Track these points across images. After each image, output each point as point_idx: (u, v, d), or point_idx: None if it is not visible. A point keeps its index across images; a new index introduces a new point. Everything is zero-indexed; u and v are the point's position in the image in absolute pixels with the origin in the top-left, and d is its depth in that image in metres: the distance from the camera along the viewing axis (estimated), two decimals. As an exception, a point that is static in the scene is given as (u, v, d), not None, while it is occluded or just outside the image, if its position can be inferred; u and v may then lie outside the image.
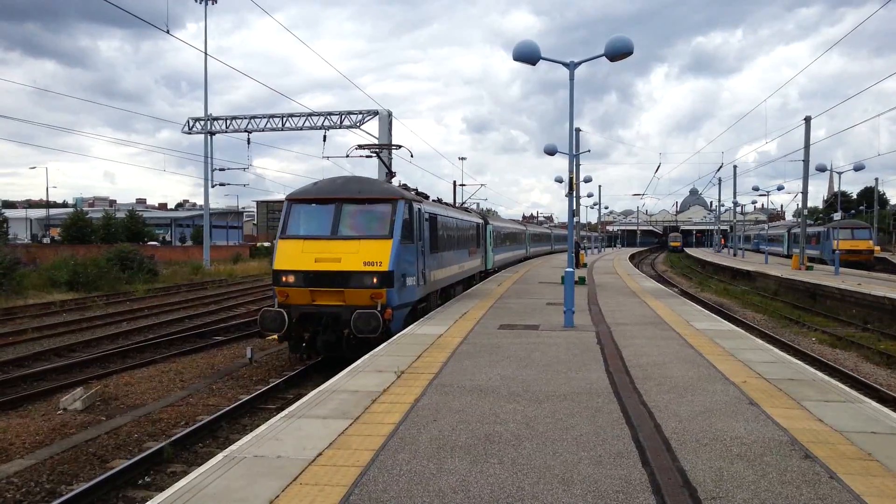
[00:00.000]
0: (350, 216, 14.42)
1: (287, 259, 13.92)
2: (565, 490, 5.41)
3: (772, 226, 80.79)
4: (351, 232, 14.20)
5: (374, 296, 13.45)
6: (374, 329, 12.90)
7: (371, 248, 13.75)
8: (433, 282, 17.63)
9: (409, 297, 14.88)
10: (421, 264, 15.88)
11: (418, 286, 15.58)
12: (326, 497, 5.28)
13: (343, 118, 35.77)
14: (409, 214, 14.93)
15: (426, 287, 16.65)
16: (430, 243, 17.08)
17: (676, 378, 9.43)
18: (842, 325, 22.45)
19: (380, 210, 14.53)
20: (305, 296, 13.79)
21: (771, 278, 35.86)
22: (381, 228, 14.26)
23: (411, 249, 15.04)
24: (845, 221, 53.32)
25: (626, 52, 13.99)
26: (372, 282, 13.50)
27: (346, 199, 14.53)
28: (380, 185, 15.52)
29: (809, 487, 5.44)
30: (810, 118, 38.11)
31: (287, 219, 14.79)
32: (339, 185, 15.07)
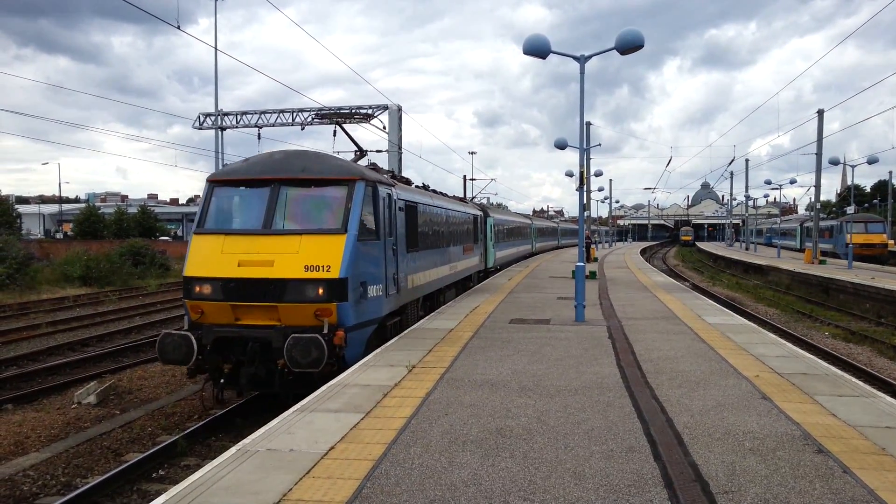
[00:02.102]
0: (290, 203, 10.89)
1: (202, 262, 10.47)
2: (577, 484, 5.42)
3: (784, 219, 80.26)
4: (291, 225, 10.70)
5: (321, 313, 10.01)
6: (316, 360, 9.40)
7: (317, 247, 10.23)
8: (412, 288, 14.40)
9: (373, 313, 11.38)
10: (392, 267, 12.50)
11: (387, 297, 12.13)
12: (339, 491, 5.30)
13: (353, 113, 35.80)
14: (373, 202, 11.52)
15: (401, 296, 13.24)
16: (406, 239, 13.78)
17: (688, 372, 9.41)
18: (855, 320, 22.31)
19: (331, 195, 11.02)
20: (226, 313, 10.22)
21: (783, 272, 35.65)
22: (331, 220, 10.75)
23: (376, 248, 11.62)
24: (859, 215, 52.95)
25: (636, 45, 13.91)
26: (317, 293, 9.98)
27: (285, 179, 10.92)
28: (332, 162, 11.66)
29: (822, 482, 5.42)
30: (823, 111, 37.81)
31: (206, 207, 11.22)
32: (278, 161, 11.40)
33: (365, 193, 11.15)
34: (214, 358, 10.32)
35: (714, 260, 60.76)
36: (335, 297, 10.08)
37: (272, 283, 10.01)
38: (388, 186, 12.66)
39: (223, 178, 11.55)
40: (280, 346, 9.66)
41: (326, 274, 10.07)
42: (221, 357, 10.32)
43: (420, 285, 15.23)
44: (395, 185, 13.31)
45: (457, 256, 20.42)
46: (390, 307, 12.48)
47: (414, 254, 14.49)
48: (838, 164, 39.72)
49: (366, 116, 13.93)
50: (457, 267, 20.46)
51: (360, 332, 10.81)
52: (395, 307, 12.85)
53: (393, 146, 34.11)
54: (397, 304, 13.01)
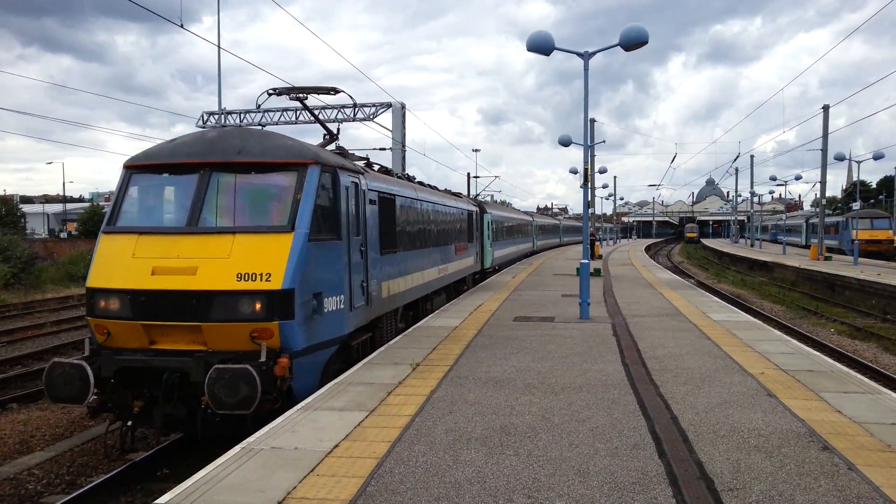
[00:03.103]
0: (224, 193, 8.86)
1: (108, 270, 8.49)
2: (581, 482, 5.41)
3: (789, 216, 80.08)
4: (223, 221, 8.69)
5: (258, 334, 8.01)
6: (246, 400, 7.41)
7: (254, 250, 8.26)
8: (388, 298, 12.27)
9: (332, 332, 9.31)
10: (359, 274, 10.42)
11: (353, 310, 10.04)
12: (343, 488, 5.30)
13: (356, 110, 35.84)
14: (333, 192, 9.53)
15: (372, 308, 11.12)
16: (381, 239, 11.73)
17: (693, 369, 9.38)
18: (861, 316, 22.24)
19: (276, 183, 9.08)
20: (137, 335, 8.23)
21: (789, 269, 35.55)
22: (276, 214, 8.80)
23: (336, 250, 9.53)
24: (864, 211, 52.68)
25: (641, 41, 13.87)
26: (253, 309, 8.00)
27: (218, 164, 8.88)
28: (279, 142, 9.51)
29: (828, 479, 5.40)
30: (828, 107, 37.70)
31: (120, 199, 9.20)
32: (210, 141, 9.30)
33: (320, 181, 9.08)
34: (121, 393, 8.29)
35: (719, 257, 60.64)
36: (277, 313, 8.03)
37: (194, 296, 7.96)
38: (355, 174, 10.57)
39: (142, 162, 9.34)
40: (201, 379, 7.59)
41: (266, 284, 8.02)
42: (131, 392, 8.29)
43: (399, 293, 13.12)
44: (364, 174, 11.17)
45: (447, 257, 18.52)
46: (357, 322, 10.37)
47: (391, 256, 12.45)
48: (844, 160, 39.65)
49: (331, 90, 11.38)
50: (447, 269, 18.54)
51: (313, 358, 8.76)
52: (363, 321, 10.72)
53: (396, 144, 34.09)
54: (367, 318, 10.89)
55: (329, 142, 12.44)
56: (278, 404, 7.94)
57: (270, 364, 7.87)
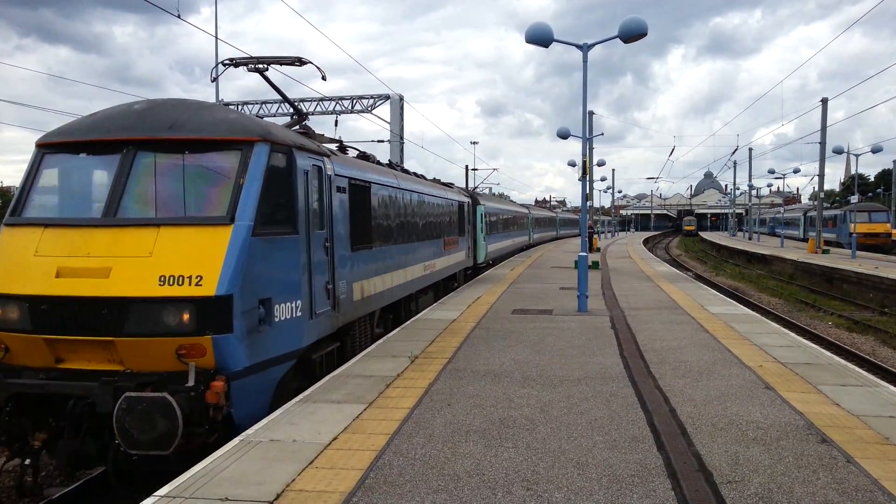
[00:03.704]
0: (150, 177, 7.41)
1: (5, 272, 7.01)
2: (580, 474, 5.41)
3: (788, 209, 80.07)
4: (147, 210, 7.25)
5: (187, 351, 6.63)
6: (164, 437, 6.16)
7: (183, 247, 6.86)
8: (361, 300, 10.69)
9: (287, 345, 7.88)
10: (323, 274, 8.95)
11: (315, 317, 8.60)
12: (342, 481, 5.30)
13: (354, 102, 35.74)
14: (288, 176, 8.09)
15: (341, 314, 9.65)
16: (352, 233, 10.22)
17: (691, 362, 9.39)
18: (858, 309, 22.27)
19: (214, 165, 7.62)
20: (40, 351, 6.84)
21: (787, 262, 35.60)
22: (212, 203, 7.35)
23: (292, 246, 8.12)
24: (862, 204, 52.69)
25: (640, 33, 13.84)
26: (179, 321, 6.60)
27: (144, 141, 7.42)
28: (219, 115, 7.99)
29: (826, 472, 5.40)
30: (827, 100, 37.71)
31: (28, 184, 7.72)
32: (137, 114, 7.74)
33: (270, 163, 7.61)
34: (18, 423, 6.79)
35: (717, 250, 60.68)
36: (210, 325, 6.61)
37: (106, 304, 6.52)
38: (317, 156, 9.03)
39: (56, 140, 7.84)
40: (108, 410, 6.27)
41: (196, 289, 6.59)
42: (33, 422, 6.83)
43: (375, 294, 11.52)
44: (329, 156, 9.59)
45: (434, 252, 16.98)
46: (320, 331, 8.87)
47: (365, 252, 10.93)
48: (842, 153, 39.68)
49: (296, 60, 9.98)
50: (434, 265, 17.00)
51: (259, 378, 7.30)
52: (329, 330, 9.22)
53: (395, 136, 34.03)
54: (334, 326, 9.39)
55: (296, 122, 10.76)
56: (213, 438, 6.60)
57: (201, 389, 6.47)
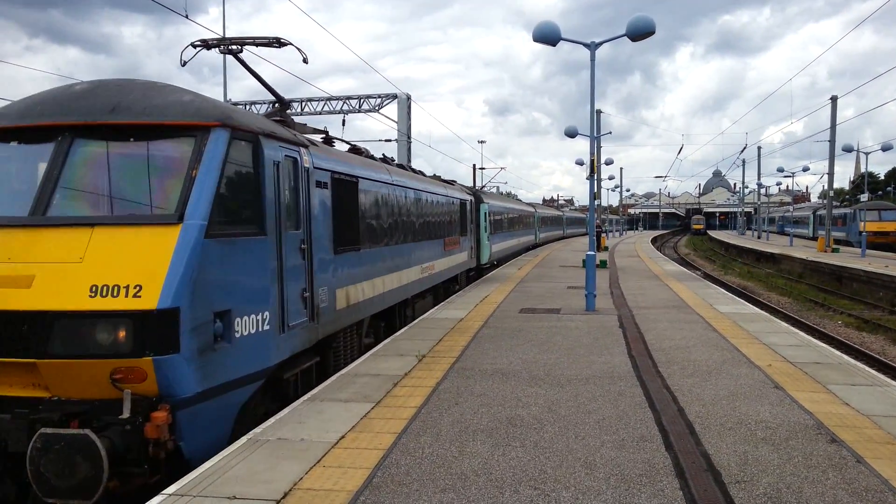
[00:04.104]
0: (87, 169, 6.43)
1: None
2: (588, 473, 5.40)
3: (797, 207, 79.68)
4: (80, 208, 6.29)
5: (123, 376, 5.64)
6: (87, 484, 5.24)
7: (119, 251, 5.88)
8: (347, 308, 9.69)
9: (251, 364, 6.83)
10: (298, 281, 7.95)
11: (287, 330, 7.57)
12: (350, 479, 5.31)
13: (362, 102, 35.77)
14: (253, 169, 7.09)
15: (322, 324, 8.68)
16: (335, 233, 9.25)
17: (700, 362, 9.36)
18: (868, 308, 22.13)
19: (163, 154, 6.58)
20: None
21: (796, 261, 35.42)
22: (158, 199, 6.36)
23: (257, 249, 7.04)
24: (872, 203, 52.35)
25: (648, 31, 13.79)
26: (113, 339, 5.62)
27: (82, 126, 6.41)
28: (171, 97, 6.83)
29: (836, 472, 5.37)
30: (836, 98, 37.47)
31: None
32: (75, 96, 6.72)
33: (230, 152, 6.60)
34: None
35: (726, 249, 60.43)
36: (151, 344, 5.63)
37: (27, 318, 5.57)
38: (291, 146, 8.00)
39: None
40: (21, 449, 5.39)
41: (133, 302, 5.60)
42: None
43: (363, 301, 10.46)
44: (308, 147, 8.63)
45: (433, 254, 16.02)
46: (295, 346, 7.84)
47: (351, 255, 9.94)
48: (852, 152, 39.44)
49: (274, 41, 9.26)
50: (433, 268, 15.97)
51: (217, 404, 6.29)
52: (305, 344, 8.16)
53: (402, 136, 34.03)
54: (312, 339, 8.37)
55: (278, 111, 9.77)
56: (156, 478, 5.72)
57: (138, 422, 5.53)
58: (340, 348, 9.79)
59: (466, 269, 21.50)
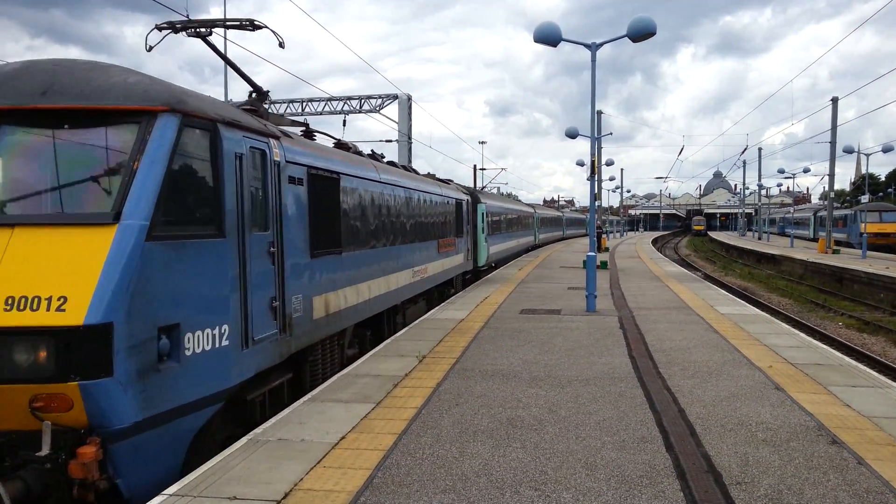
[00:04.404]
0: (14, 159, 5.73)
1: None
2: (588, 474, 5.39)
3: (797, 209, 79.67)
4: (2, 205, 5.59)
5: (44, 404, 4.91)
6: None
7: (41, 256, 5.17)
8: (326, 317, 8.94)
9: (206, 386, 6.06)
10: (267, 288, 7.17)
11: (252, 345, 6.78)
12: (350, 480, 5.30)
13: (362, 102, 35.78)
14: (210, 161, 6.31)
15: (296, 335, 7.88)
16: (311, 235, 8.47)
17: (700, 363, 9.35)
18: (869, 310, 22.12)
19: (100, 142, 5.80)
20: None
21: (796, 262, 35.40)
22: (92, 195, 5.68)
23: (214, 253, 6.27)
24: (873, 204, 52.30)
25: (648, 32, 13.79)
26: (33, 360, 4.89)
27: (10, 111, 5.64)
28: (113, 78, 5.99)
29: (837, 473, 5.37)
30: (837, 99, 37.49)
31: None
32: (4, 77, 5.90)
33: (181, 141, 5.83)
34: None
35: (726, 250, 60.41)
36: (78, 367, 4.88)
37: None
38: (259, 137, 7.19)
39: None
40: None
41: (57, 316, 4.88)
42: None
43: (345, 310, 9.68)
44: (279, 138, 7.83)
45: (425, 256, 15.16)
46: (261, 363, 7.00)
47: (332, 259, 9.18)
48: (853, 153, 39.44)
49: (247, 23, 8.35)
50: (425, 271, 15.15)
51: (163, 433, 5.56)
52: (275, 359, 7.34)
53: (403, 136, 34.04)
54: (283, 353, 7.55)
55: (251, 101, 8.85)
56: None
57: (60, 459, 4.83)
58: (318, 362, 8.96)
59: (462, 272, 20.84)
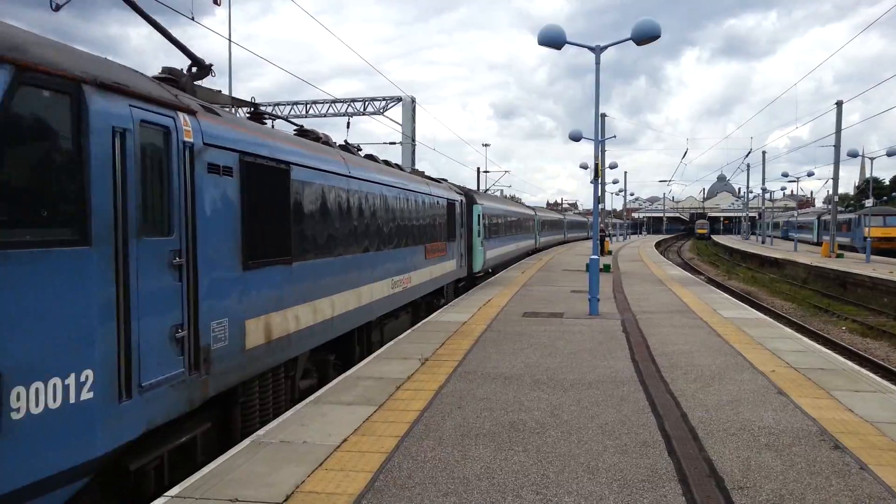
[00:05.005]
0: None
1: None
2: (590, 478, 5.39)
3: (801, 213, 79.54)
4: None
5: None
6: None
7: None
8: (269, 345, 7.31)
9: (52, 460, 4.42)
10: (164, 315, 5.54)
11: (136, 395, 5.12)
12: (351, 483, 5.31)
13: (366, 105, 35.81)
14: (67, 132, 4.68)
15: (220, 373, 6.32)
16: (244, 241, 6.85)
17: (703, 367, 9.34)
18: (873, 314, 22.05)
19: None
20: None
21: (800, 266, 35.33)
22: None
23: (71, 268, 4.63)
24: (877, 208, 52.17)
25: (653, 35, 13.80)
26: None
27: None
28: None
29: (839, 478, 5.36)
30: (841, 102, 37.43)
31: None
32: None
33: (12, 103, 4.29)
34: None
35: (730, 253, 60.32)
36: None
37: None
38: (159, 109, 5.61)
39: None
40: None
41: None
42: None
43: (296, 333, 8.04)
44: (194, 113, 6.17)
45: (408, 264, 13.53)
46: (156, 416, 5.38)
47: (276, 270, 7.53)
48: (857, 157, 39.27)
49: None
50: (409, 280, 13.58)
51: None
52: (180, 408, 5.72)
53: (406, 138, 34.08)
54: (196, 398, 5.93)
55: (176, 71, 7.13)
56: None
57: None
58: (255, 402, 7.23)
59: (455, 280, 19.21)
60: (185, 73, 7.32)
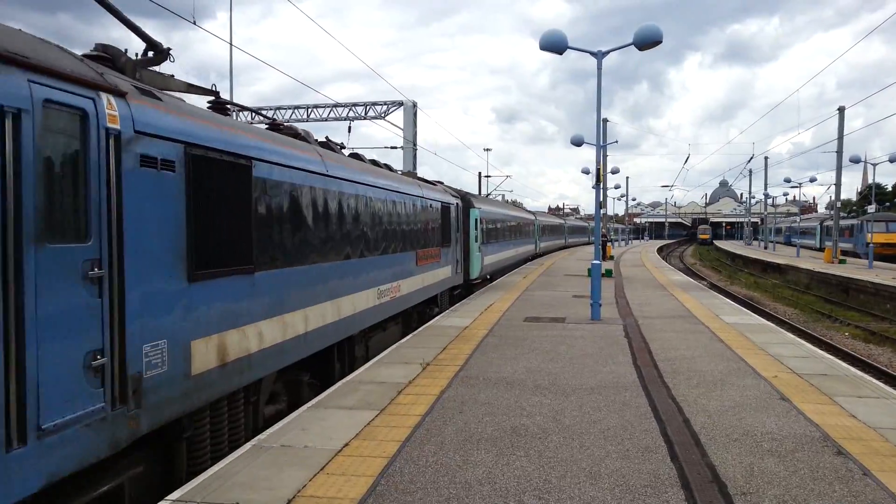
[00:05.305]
0: None
1: None
2: (592, 484, 5.37)
3: (804, 218, 79.45)
4: None
5: None
6: None
7: None
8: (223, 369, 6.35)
9: None
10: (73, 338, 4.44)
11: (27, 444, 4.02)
12: (353, 487, 5.30)
13: (368, 109, 35.86)
14: None
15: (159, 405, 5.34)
16: (189, 247, 5.83)
17: (705, 372, 9.32)
18: (876, 320, 22.01)
19: None
20: None
21: (802, 272, 35.28)
22: None
23: None
24: (880, 214, 52.12)
25: (655, 40, 13.81)
26: None
27: None
28: None
29: (842, 484, 5.34)
30: (844, 108, 37.42)
31: None
32: None
33: None
34: None
35: (732, 259, 60.25)
36: None
37: None
38: (74, 87, 4.63)
39: None
40: None
41: None
42: None
43: (259, 352, 7.09)
44: (122, 95, 5.17)
45: (399, 271, 12.82)
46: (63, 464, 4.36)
47: (233, 282, 6.58)
48: (860, 163, 39.32)
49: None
50: (398, 289, 12.75)
51: None
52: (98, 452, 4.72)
53: (408, 143, 34.12)
54: (122, 439, 4.94)
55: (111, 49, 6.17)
56: None
57: None
58: (206, 436, 6.31)
59: (450, 287, 18.24)
60: (126, 53, 6.27)
